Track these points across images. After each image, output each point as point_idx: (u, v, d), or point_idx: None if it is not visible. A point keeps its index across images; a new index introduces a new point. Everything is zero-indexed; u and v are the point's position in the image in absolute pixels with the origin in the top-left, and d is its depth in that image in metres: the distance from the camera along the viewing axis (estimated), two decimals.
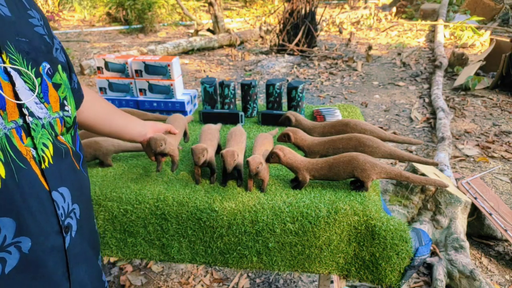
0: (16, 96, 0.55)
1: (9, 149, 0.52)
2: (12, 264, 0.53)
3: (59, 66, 0.66)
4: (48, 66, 0.62)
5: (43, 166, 0.57)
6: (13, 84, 0.54)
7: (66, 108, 0.65)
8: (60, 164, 0.61)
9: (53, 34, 0.69)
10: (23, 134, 0.55)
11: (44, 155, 0.57)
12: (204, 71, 5.29)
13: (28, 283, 0.56)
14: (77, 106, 0.79)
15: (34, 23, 0.63)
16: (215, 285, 1.84)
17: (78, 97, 0.80)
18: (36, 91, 0.58)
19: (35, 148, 0.56)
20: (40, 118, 0.58)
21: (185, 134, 1.35)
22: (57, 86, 0.64)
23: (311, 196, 1.05)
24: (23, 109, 0.55)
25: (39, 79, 0.59)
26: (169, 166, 1.21)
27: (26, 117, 0.56)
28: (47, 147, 0.58)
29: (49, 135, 0.60)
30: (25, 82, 0.56)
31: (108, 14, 8.94)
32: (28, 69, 0.57)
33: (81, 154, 0.71)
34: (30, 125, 0.56)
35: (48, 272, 0.58)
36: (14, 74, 0.55)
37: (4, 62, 0.53)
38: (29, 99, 0.56)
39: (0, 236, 0.51)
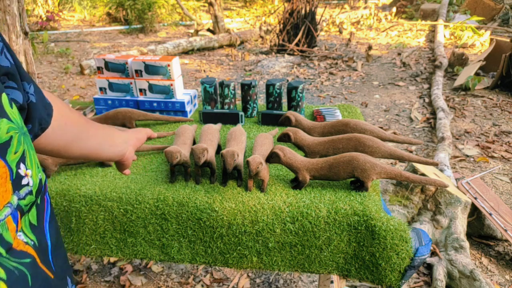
0: None
1: None
2: None
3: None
4: None
5: None
6: None
7: (23, 181, 0.39)
8: None
9: None
10: None
11: None
12: (204, 71, 5.29)
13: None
14: (46, 125, 0.55)
15: None
16: (215, 285, 1.84)
17: (43, 112, 0.54)
18: None
19: None
20: None
21: (194, 143, 1.35)
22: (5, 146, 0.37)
23: (311, 196, 1.05)
24: None
25: None
26: (164, 166, 1.21)
27: None
28: None
29: None
30: None
31: (108, 14, 8.94)
32: None
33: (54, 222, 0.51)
34: None
35: None
36: None
37: None
38: None
39: None
